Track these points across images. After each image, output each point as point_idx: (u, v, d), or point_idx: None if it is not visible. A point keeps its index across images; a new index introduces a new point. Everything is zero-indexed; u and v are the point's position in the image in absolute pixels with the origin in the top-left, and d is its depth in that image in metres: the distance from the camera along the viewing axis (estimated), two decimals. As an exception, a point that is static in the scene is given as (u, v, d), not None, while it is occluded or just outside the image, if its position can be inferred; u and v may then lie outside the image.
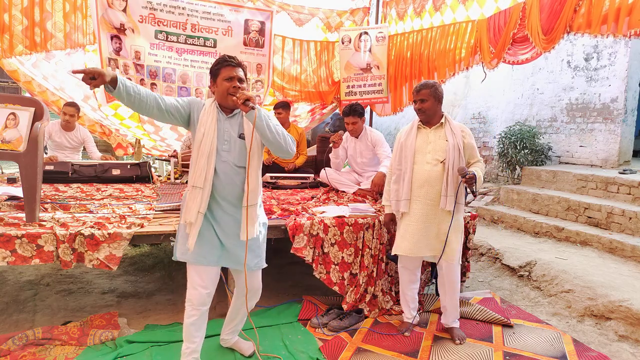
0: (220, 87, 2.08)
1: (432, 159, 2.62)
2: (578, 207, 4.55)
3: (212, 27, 5.64)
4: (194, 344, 2.13)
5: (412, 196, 2.65)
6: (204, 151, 2.04)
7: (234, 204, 2.14)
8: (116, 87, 1.84)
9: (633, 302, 2.84)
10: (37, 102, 2.80)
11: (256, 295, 2.34)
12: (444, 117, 2.69)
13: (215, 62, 2.11)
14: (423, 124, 2.71)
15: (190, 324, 2.11)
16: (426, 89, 2.63)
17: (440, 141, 2.63)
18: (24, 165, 2.67)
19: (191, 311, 2.12)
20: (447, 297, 2.74)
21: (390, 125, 9.80)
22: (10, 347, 2.38)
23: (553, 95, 6.05)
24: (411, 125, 2.77)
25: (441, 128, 2.67)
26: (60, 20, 5.00)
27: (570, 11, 3.50)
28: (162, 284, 3.59)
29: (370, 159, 4.09)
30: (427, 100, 2.63)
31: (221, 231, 2.13)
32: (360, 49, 5.96)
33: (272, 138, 2.04)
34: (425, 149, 2.65)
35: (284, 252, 2.94)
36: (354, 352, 2.53)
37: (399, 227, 2.76)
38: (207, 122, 2.07)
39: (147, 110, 1.98)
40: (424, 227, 2.63)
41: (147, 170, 4.53)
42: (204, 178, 2.04)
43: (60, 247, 2.45)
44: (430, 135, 2.66)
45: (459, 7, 4.86)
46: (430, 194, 2.62)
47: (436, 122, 2.68)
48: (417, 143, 2.67)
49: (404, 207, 2.67)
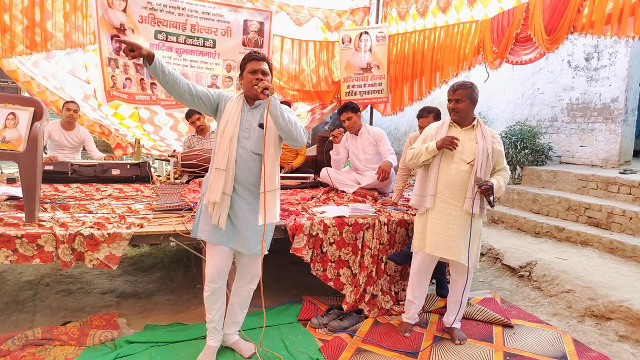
0: (246, 79, 2.26)
1: (459, 160, 2.58)
2: (578, 207, 4.54)
3: (212, 27, 5.64)
4: (211, 314, 2.35)
5: (437, 193, 2.62)
6: (227, 136, 2.21)
7: (249, 189, 2.28)
8: (152, 64, 2.01)
9: (633, 302, 2.83)
10: (37, 102, 2.80)
11: (254, 280, 2.45)
12: (476, 120, 2.66)
13: (243, 58, 2.31)
14: (455, 124, 2.67)
15: (206, 297, 2.35)
16: (463, 89, 2.59)
17: (470, 143, 2.59)
18: (23, 165, 2.66)
19: (206, 286, 2.34)
20: (455, 296, 2.73)
21: (390, 125, 9.79)
22: (9, 347, 2.38)
23: (553, 95, 6.04)
24: (442, 122, 2.73)
25: (472, 130, 2.63)
26: (61, 20, 5.01)
27: (573, 12, 3.49)
28: (162, 284, 3.59)
29: (373, 154, 4.09)
30: (463, 100, 2.59)
31: (234, 214, 2.26)
32: (361, 48, 5.95)
33: (284, 125, 2.16)
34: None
35: (283, 252, 2.94)
36: (354, 352, 2.53)
37: (420, 225, 2.71)
38: (231, 111, 2.25)
39: (179, 92, 2.15)
40: (446, 227, 2.59)
41: (146, 170, 4.53)
42: (227, 161, 2.20)
43: (60, 247, 2.45)
44: (461, 135, 2.61)
45: (463, 8, 4.86)
46: (455, 194, 2.58)
47: (468, 124, 2.65)
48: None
49: (429, 202, 2.63)
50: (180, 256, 4.22)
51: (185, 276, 3.70)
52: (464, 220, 2.59)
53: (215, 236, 2.26)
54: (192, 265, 3.75)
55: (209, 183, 2.24)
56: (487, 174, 2.57)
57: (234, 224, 2.27)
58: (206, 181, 2.32)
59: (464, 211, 2.57)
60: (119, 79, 5.39)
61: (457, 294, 2.73)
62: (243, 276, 2.43)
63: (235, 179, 2.24)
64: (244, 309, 2.50)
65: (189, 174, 4.58)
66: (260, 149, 2.24)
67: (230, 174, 2.21)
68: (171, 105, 5.80)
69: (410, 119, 9.05)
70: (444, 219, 2.60)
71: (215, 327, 2.37)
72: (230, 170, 2.21)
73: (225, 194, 2.20)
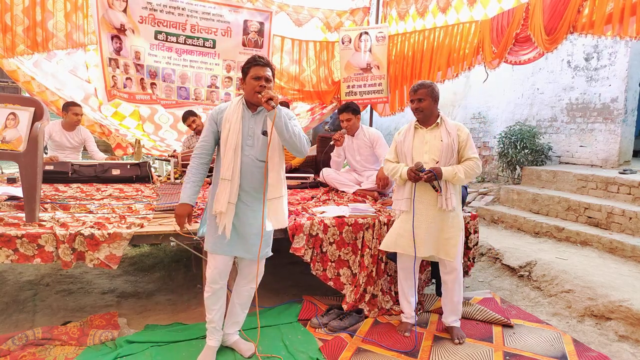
0: (249, 85, 2.23)
1: (428, 159, 2.64)
2: (578, 207, 4.55)
3: (212, 27, 5.65)
4: (211, 314, 2.36)
5: (412, 195, 2.66)
6: (230, 145, 2.20)
7: (253, 196, 2.30)
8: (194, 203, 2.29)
9: (633, 302, 2.84)
10: (37, 102, 2.80)
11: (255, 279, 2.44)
12: (440, 117, 2.70)
13: (246, 62, 2.26)
14: (420, 124, 2.74)
15: (206, 298, 2.35)
16: (423, 89, 2.66)
17: (435, 141, 2.65)
18: (23, 165, 2.67)
19: (207, 287, 2.35)
20: (448, 296, 2.75)
21: (390, 125, 9.79)
22: (10, 347, 2.38)
23: (553, 95, 6.04)
24: (409, 125, 2.80)
25: (437, 128, 2.69)
26: (62, 20, 5.01)
27: (573, 12, 3.49)
28: (162, 284, 3.59)
29: (367, 156, 4.09)
30: (425, 99, 2.65)
31: (238, 221, 2.27)
32: (361, 49, 5.96)
33: (288, 137, 2.20)
34: (422, 149, 2.68)
35: (283, 252, 2.94)
36: (354, 352, 2.53)
37: (397, 227, 2.75)
38: (232, 119, 2.23)
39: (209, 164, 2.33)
40: (424, 226, 2.63)
41: (146, 170, 4.53)
42: (232, 170, 2.20)
43: (60, 247, 2.45)
44: (427, 135, 2.69)
45: (463, 8, 4.87)
46: (429, 193, 2.63)
47: (432, 122, 2.70)
48: (414, 143, 2.71)
49: (405, 205, 2.68)
50: (181, 256, 4.23)
51: (186, 276, 3.70)
52: (441, 218, 2.64)
53: (219, 247, 2.27)
54: (192, 265, 3.75)
55: (216, 194, 2.23)
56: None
57: (238, 231, 2.27)
58: (211, 192, 2.31)
59: (440, 209, 2.62)
60: (119, 78, 5.40)
61: (449, 293, 2.75)
62: (244, 276, 2.44)
63: (240, 186, 2.24)
64: (244, 309, 2.50)
65: (189, 174, 4.58)
66: (265, 156, 2.25)
67: (235, 184, 2.21)
68: (172, 105, 5.81)
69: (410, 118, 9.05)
70: (420, 219, 2.64)
71: (215, 327, 2.38)
72: (236, 180, 2.21)
73: (231, 203, 2.21)
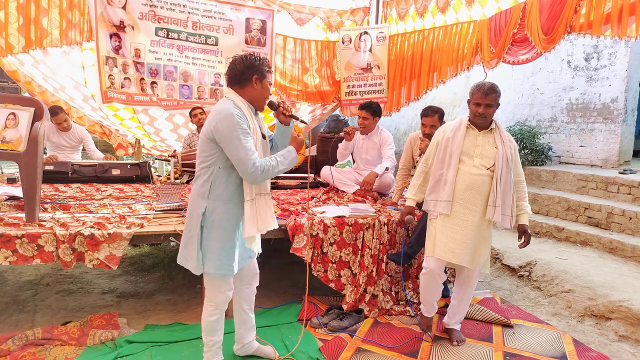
0: (265, 90, 2.12)
1: (479, 164, 2.47)
2: (578, 207, 4.55)
3: (214, 25, 5.64)
4: (215, 335, 2.20)
5: (454, 198, 2.50)
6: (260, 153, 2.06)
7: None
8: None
9: (633, 302, 2.84)
10: (37, 102, 2.80)
11: (255, 278, 2.41)
12: (494, 123, 2.54)
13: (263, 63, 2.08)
14: (473, 126, 2.54)
15: (213, 321, 2.17)
16: (494, 94, 2.44)
17: (489, 147, 2.49)
18: (23, 165, 2.67)
19: (214, 311, 2.17)
20: (461, 300, 2.72)
21: (390, 125, 9.77)
22: (10, 347, 2.38)
23: (553, 95, 6.04)
24: (459, 123, 2.57)
25: (490, 134, 2.52)
26: (57, 17, 4.92)
27: (570, 12, 3.49)
28: (162, 284, 3.59)
29: (374, 157, 4.12)
30: (493, 105, 2.45)
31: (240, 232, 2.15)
32: (361, 48, 5.95)
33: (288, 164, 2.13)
34: (472, 152, 2.49)
35: (284, 252, 2.94)
36: (354, 352, 2.53)
37: (433, 229, 2.58)
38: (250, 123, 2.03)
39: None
40: (463, 232, 2.48)
41: (147, 170, 4.53)
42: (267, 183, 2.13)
43: (60, 247, 2.45)
44: (479, 139, 2.51)
45: (461, 8, 4.87)
46: (475, 200, 2.48)
47: (486, 127, 2.53)
48: (465, 144, 2.50)
49: (445, 208, 2.50)
50: (181, 256, 4.22)
51: (186, 276, 3.70)
52: (481, 226, 2.52)
53: (235, 266, 2.12)
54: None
55: (257, 212, 2.05)
56: (506, 181, 2.47)
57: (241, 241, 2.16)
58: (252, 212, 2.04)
59: (482, 217, 2.50)
60: (117, 78, 5.35)
61: (463, 298, 2.71)
62: (243, 280, 2.33)
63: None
64: (252, 312, 2.43)
65: (189, 174, 4.58)
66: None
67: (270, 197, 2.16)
68: (172, 106, 5.78)
69: (410, 119, 9.05)
70: (461, 224, 2.49)
71: (220, 346, 2.25)
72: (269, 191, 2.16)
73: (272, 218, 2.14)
